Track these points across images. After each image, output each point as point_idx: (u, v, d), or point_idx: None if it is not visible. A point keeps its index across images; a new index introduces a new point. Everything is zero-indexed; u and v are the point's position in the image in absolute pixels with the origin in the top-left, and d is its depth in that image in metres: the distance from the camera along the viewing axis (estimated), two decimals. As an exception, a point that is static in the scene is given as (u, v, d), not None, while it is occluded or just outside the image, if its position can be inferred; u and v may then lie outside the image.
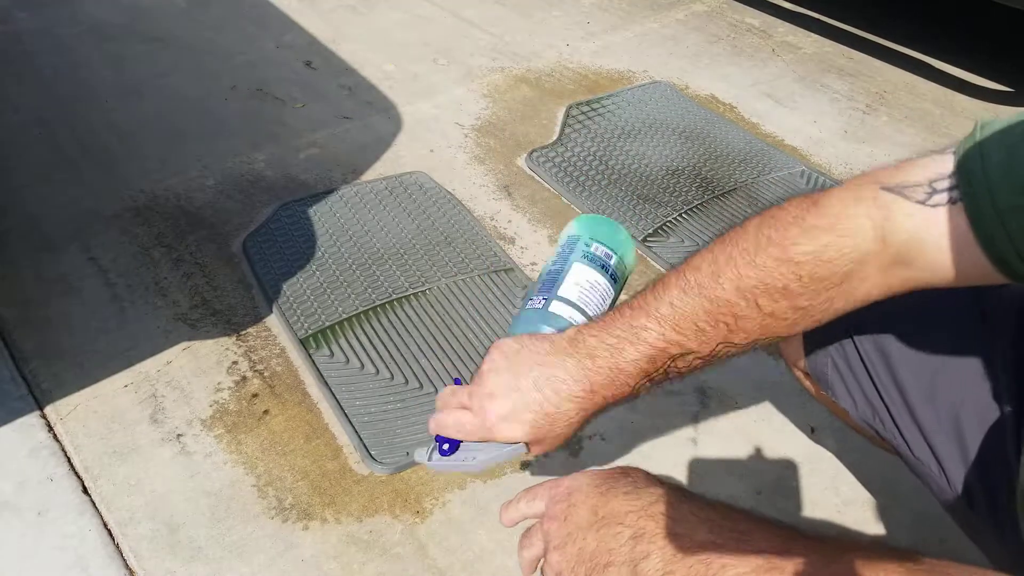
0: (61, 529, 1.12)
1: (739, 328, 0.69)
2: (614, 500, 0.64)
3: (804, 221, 0.65)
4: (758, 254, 0.66)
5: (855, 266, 0.63)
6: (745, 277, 0.67)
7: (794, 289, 0.65)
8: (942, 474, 0.81)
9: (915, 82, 2.36)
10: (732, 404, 1.37)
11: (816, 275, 0.64)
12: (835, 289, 0.65)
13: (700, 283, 0.70)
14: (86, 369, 1.34)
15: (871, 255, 0.63)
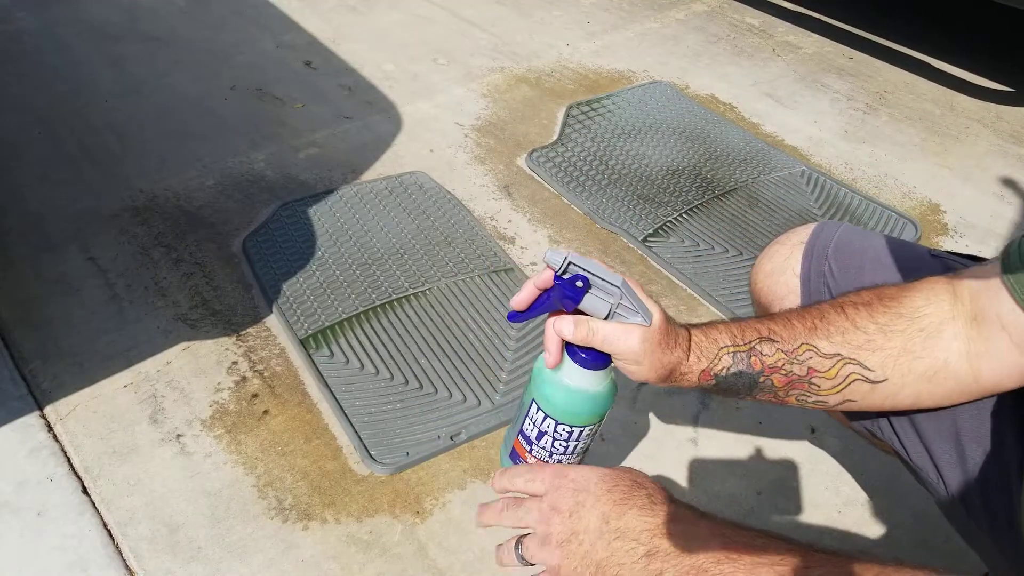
0: (61, 529, 1.12)
1: (823, 327, 0.73)
2: (628, 514, 0.64)
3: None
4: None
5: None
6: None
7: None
8: (940, 480, 0.81)
9: (915, 82, 2.36)
10: (733, 405, 1.36)
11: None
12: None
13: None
14: (86, 369, 1.34)
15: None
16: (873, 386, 0.72)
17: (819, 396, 0.74)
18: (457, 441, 1.26)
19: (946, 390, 0.72)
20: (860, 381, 0.72)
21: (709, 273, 1.61)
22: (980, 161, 2.07)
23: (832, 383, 0.73)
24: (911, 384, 0.72)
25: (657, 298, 1.56)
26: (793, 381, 0.73)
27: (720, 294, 1.56)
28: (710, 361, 0.74)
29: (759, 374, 0.73)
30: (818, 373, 0.73)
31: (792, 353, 0.73)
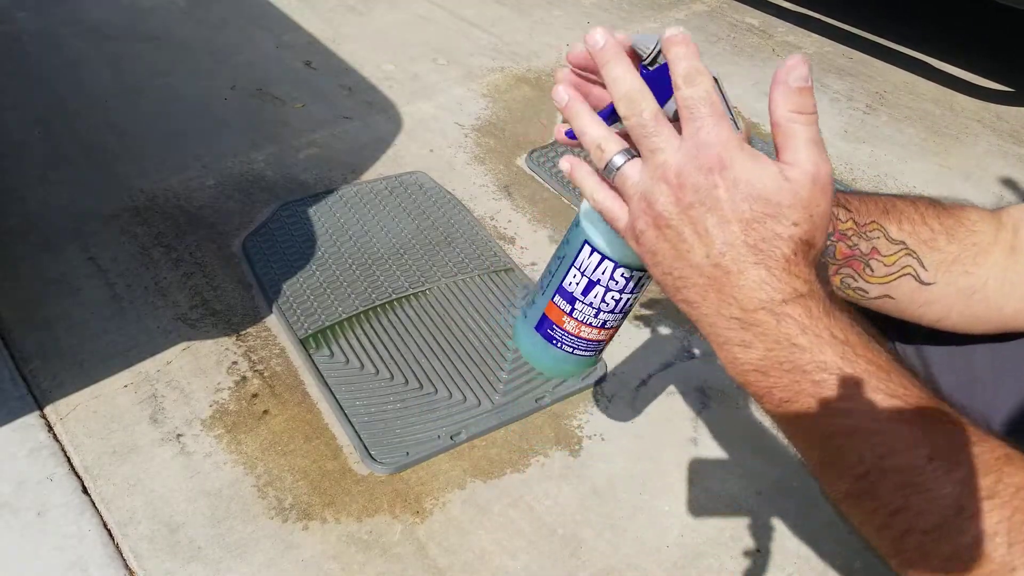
0: (61, 529, 1.12)
1: (895, 212, 0.71)
2: (749, 266, 0.50)
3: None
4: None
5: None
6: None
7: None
8: None
9: (915, 82, 2.36)
10: (733, 404, 1.36)
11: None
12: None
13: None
14: (86, 369, 1.34)
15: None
16: (919, 287, 0.71)
17: (865, 282, 0.71)
18: (457, 441, 1.26)
19: (973, 313, 0.72)
20: (911, 277, 0.71)
21: (709, 273, 1.61)
22: (980, 161, 2.07)
23: (887, 271, 0.70)
24: (950, 296, 0.71)
25: (657, 298, 1.56)
26: (854, 257, 0.70)
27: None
28: None
29: (828, 236, 0.67)
30: (879, 256, 0.70)
31: (863, 227, 0.70)
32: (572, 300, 0.68)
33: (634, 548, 1.15)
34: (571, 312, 0.68)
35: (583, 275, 0.66)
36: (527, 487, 1.22)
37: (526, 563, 1.12)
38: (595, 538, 1.16)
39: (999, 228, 0.71)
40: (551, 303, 0.69)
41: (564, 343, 0.70)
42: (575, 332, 0.69)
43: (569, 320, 0.68)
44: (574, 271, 0.67)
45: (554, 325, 0.69)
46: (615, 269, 0.65)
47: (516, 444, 1.28)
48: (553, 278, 0.69)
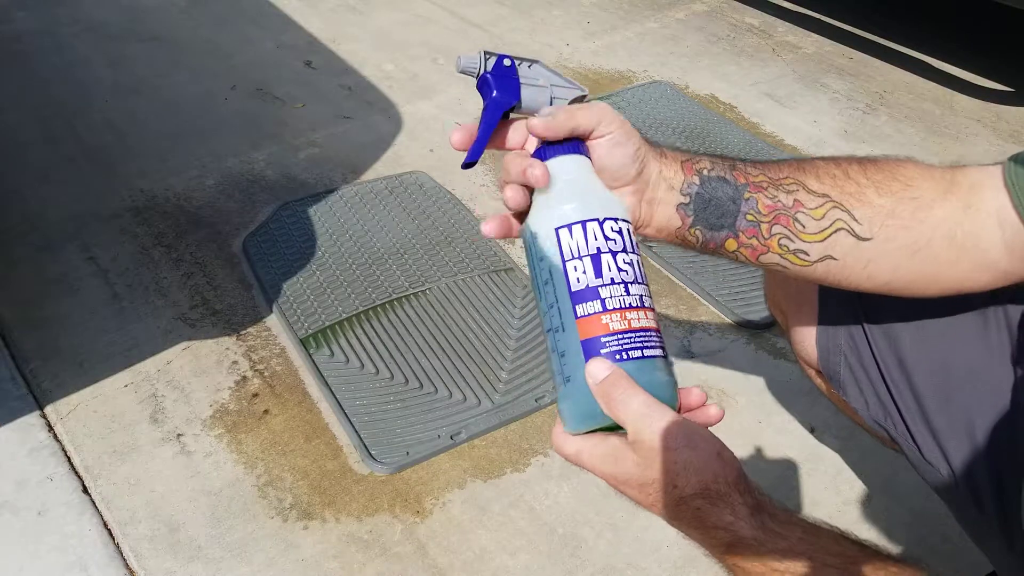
0: (61, 529, 1.12)
1: (812, 168, 0.68)
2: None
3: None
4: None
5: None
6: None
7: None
8: (953, 478, 0.81)
9: (915, 82, 2.36)
10: (732, 404, 1.37)
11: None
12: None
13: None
14: (86, 369, 1.34)
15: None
16: (857, 242, 0.67)
17: (802, 242, 0.67)
18: (457, 440, 1.26)
19: (922, 273, 0.69)
20: (846, 232, 0.67)
21: (709, 272, 1.61)
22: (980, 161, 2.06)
23: (818, 225, 0.67)
24: (892, 253, 0.68)
25: (657, 298, 1.56)
26: (779, 210, 0.67)
27: (720, 294, 1.56)
28: (689, 156, 0.68)
29: (743, 187, 0.67)
30: (804, 208, 0.67)
31: (778, 180, 0.67)
32: (593, 293, 0.57)
33: (634, 548, 1.15)
34: (604, 305, 0.57)
35: (580, 259, 0.58)
36: (527, 487, 1.22)
37: (526, 562, 1.12)
38: (595, 537, 1.16)
39: (950, 186, 0.68)
40: (578, 322, 0.57)
41: (627, 348, 0.57)
42: (626, 326, 0.57)
43: (609, 315, 0.57)
44: (571, 266, 0.58)
45: (602, 337, 0.57)
46: (602, 225, 0.59)
47: (516, 444, 1.28)
48: (558, 301, 0.59)
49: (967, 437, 0.80)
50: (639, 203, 0.66)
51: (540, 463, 1.26)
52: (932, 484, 0.85)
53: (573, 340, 0.58)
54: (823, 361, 0.92)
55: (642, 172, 0.65)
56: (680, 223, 0.67)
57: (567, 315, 0.58)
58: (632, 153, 0.64)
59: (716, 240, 0.68)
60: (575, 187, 0.62)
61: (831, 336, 0.91)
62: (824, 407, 1.29)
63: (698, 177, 0.67)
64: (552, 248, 0.60)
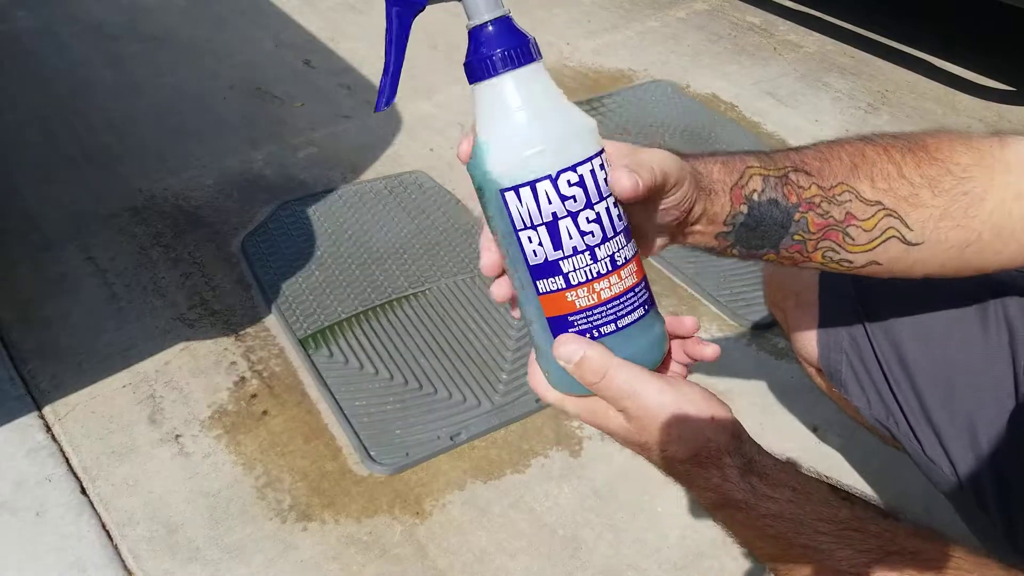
0: (59, 530, 1.12)
1: (865, 167, 0.62)
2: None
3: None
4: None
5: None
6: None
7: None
8: (954, 475, 0.81)
9: (917, 81, 2.35)
10: (733, 404, 1.35)
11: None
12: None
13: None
14: (84, 369, 1.34)
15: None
16: (907, 248, 0.63)
17: (849, 253, 0.63)
18: (457, 441, 1.26)
19: (968, 264, 0.66)
20: (896, 240, 0.63)
21: (710, 273, 1.60)
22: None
23: (868, 236, 0.62)
24: (940, 254, 0.64)
25: (658, 298, 1.56)
26: (829, 226, 0.62)
27: (721, 294, 1.55)
28: (739, 177, 0.59)
29: (794, 208, 0.60)
30: (856, 221, 0.62)
31: (830, 191, 0.61)
32: (554, 267, 0.49)
33: (634, 549, 1.14)
34: (567, 281, 0.49)
35: (535, 228, 0.49)
36: (527, 488, 1.21)
37: (526, 564, 1.12)
38: (595, 539, 1.15)
39: (1004, 171, 0.63)
40: (541, 298, 0.51)
41: (598, 325, 0.50)
42: (595, 300, 0.50)
43: (575, 292, 0.50)
44: (525, 236, 0.49)
45: (568, 316, 0.50)
46: (555, 183, 0.48)
47: (516, 444, 1.27)
48: (518, 270, 0.51)
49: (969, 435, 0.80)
50: (669, 239, 0.59)
51: (540, 464, 1.25)
52: (935, 482, 0.85)
53: (538, 314, 0.51)
54: (824, 360, 0.92)
55: (685, 219, 0.57)
56: (716, 245, 0.61)
57: (528, 287, 0.51)
58: (682, 211, 0.56)
59: (754, 256, 0.63)
60: (522, 122, 0.50)
61: (832, 334, 0.90)
62: (826, 407, 1.28)
63: (747, 205, 0.59)
64: (500, 211, 0.50)
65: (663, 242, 0.59)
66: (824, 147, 0.64)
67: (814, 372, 0.97)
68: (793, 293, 0.94)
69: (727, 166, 0.60)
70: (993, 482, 0.78)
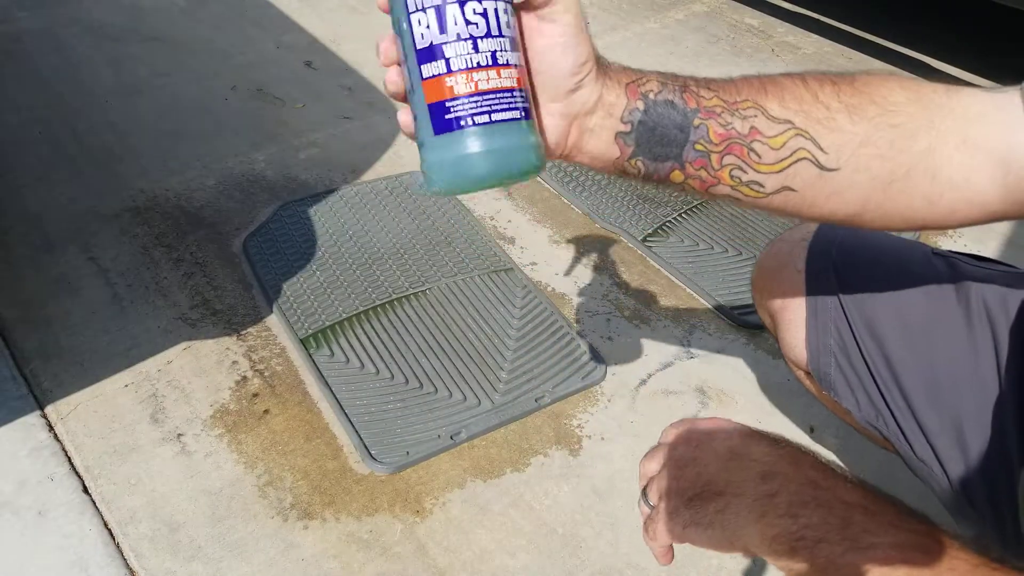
0: (61, 529, 1.12)
1: (775, 89, 0.60)
2: (755, 444, 0.56)
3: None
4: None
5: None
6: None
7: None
8: (944, 474, 0.82)
9: (915, 82, 2.36)
10: (732, 404, 1.37)
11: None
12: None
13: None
14: (86, 368, 1.35)
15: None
16: (821, 173, 0.59)
17: (757, 173, 0.59)
18: (457, 440, 1.27)
19: (895, 207, 0.61)
20: (808, 162, 0.59)
21: (709, 273, 1.61)
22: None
23: (776, 155, 0.59)
24: (863, 185, 0.60)
25: (657, 298, 1.57)
26: (732, 139, 0.59)
27: (720, 294, 1.56)
28: (636, 76, 0.59)
29: (693, 112, 0.59)
30: (761, 137, 0.58)
31: (733, 104, 0.59)
32: (437, 50, 0.51)
33: (634, 547, 1.15)
34: (449, 66, 0.51)
35: (424, 10, 0.51)
36: (527, 486, 1.22)
37: (526, 562, 1.12)
38: (595, 537, 1.16)
39: (946, 115, 0.59)
40: (423, 83, 0.52)
41: (472, 114, 0.52)
42: (471, 88, 0.52)
43: (454, 77, 0.51)
44: (415, 19, 0.52)
45: (446, 102, 0.52)
46: None
47: (516, 444, 1.28)
48: (407, 58, 0.53)
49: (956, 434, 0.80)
50: (567, 127, 0.57)
51: (540, 463, 1.26)
52: (926, 482, 0.86)
53: (421, 102, 0.53)
54: (813, 363, 0.92)
55: (578, 91, 0.56)
56: (619, 153, 0.59)
57: (415, 74, 0.53)
58: (577, 65, 0.55)
59: (660, 172, 0.60)
60: None
61: (820, 337, 0.91)
62: (823, 407, 1.29)
63: (643, 102, 0.58)
64: None
65: (563, 128, 0.57)
66: (735, 77, 0.63)
67: (803, 375, 0.98)
68: (780, 296, 0.95)
69: (625, 68, 0.59)
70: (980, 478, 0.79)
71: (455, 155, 0.52)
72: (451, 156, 0.53)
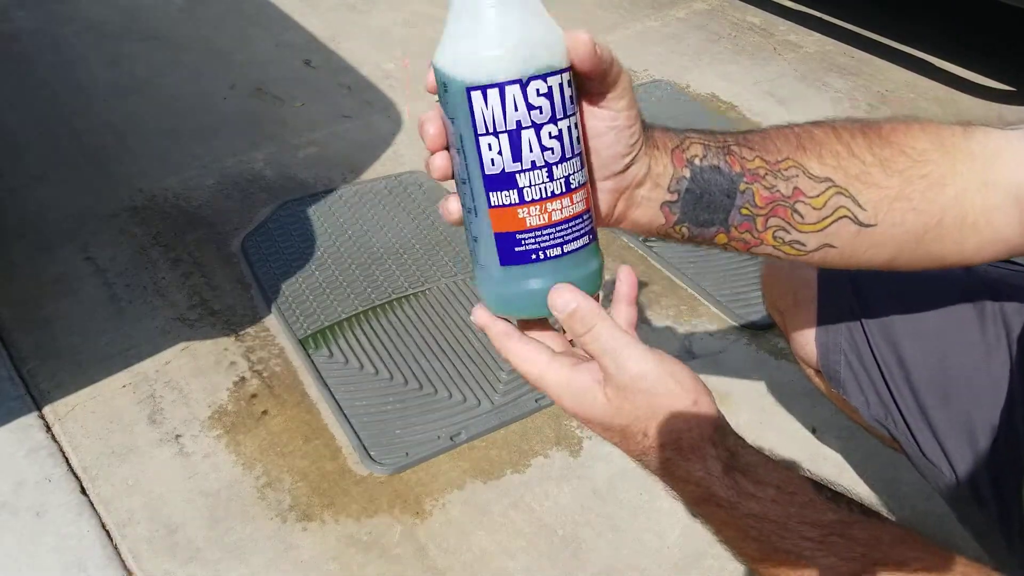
0: (59, 530, 1.12)
1: (813, 146, 0.61)
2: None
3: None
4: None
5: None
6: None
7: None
8: (953, 476, 0.81)
9: (917, 81, 2.35)
10: (734, 405, 1.36)
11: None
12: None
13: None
14: (84, 369, 1.34)
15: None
16: (860, 230, 0.60)
17: (800, 233, 0.60)
18: (457, 441, 1.26)
19: (927, 252, 0.63)
20: (848, 220, 0.60)
21: (710, 273, 1.60)
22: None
23: (818, 215, 0.59)
24: (898, 238, 0.61)
25: (657, 298, 1.56)
26: (776, 201, 0.59)
27: (721, 294, 1.55)
28: (680, 141, 0.59)
29: (739, 177, 0.58)
30: (805, 198, 0.59)
31: (775, 165, 0.59)
32: (509, 180, 0.48)
33: (634, 548, 1.14)
34: (521, 197, 0.48)
35: (496, 135, 0.47)
36: (527, 488, 1.21)
37: (526, 564, 1.12)
38: (595, 538, 1.15)
39: (964, 158, 0.62)
40: (491, 211, 0.49)
41: (545, 247, 0.50)
42: (545, 220, 0.49)
43: (527, 209, 0.48)
44: (485, 143, 0.47)
45: (517, 234, 0.49)
46: (524, 88, 0.47)
47: (516, 444, 1.27)
48: (471, 179, 0.49)
49: (966, 435, 0.80)
50: (615, 200, 0.57)
51: (540, 464, 1.25)
52: (933, 483, 0.85)
53: (486, 229, 0.50)
54: (823, 361, 0.92)
55: (629, 168, 0.56)
56: (664, 221, 0.59)
57: (480, 198, 0.49)
58: (630, 145, 0.55)
59: (705, 235, 0.61)
60: (491, 16, 0.48)
61: (831, 336, 0.90)
62: (826, 408, 1.28)
63: (689, 169, 0.58)
64: (463, 111, 0.47)
65: (611, 202, 0.57)
66: (768, 129, 0.63)
67: (813, 373, 0.98)
68: (791, 294, 0.94)
69: (666, 131, 0.60)
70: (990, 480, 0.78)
71: (524, 289, 0.51)
72: (519, 290, 0.51)
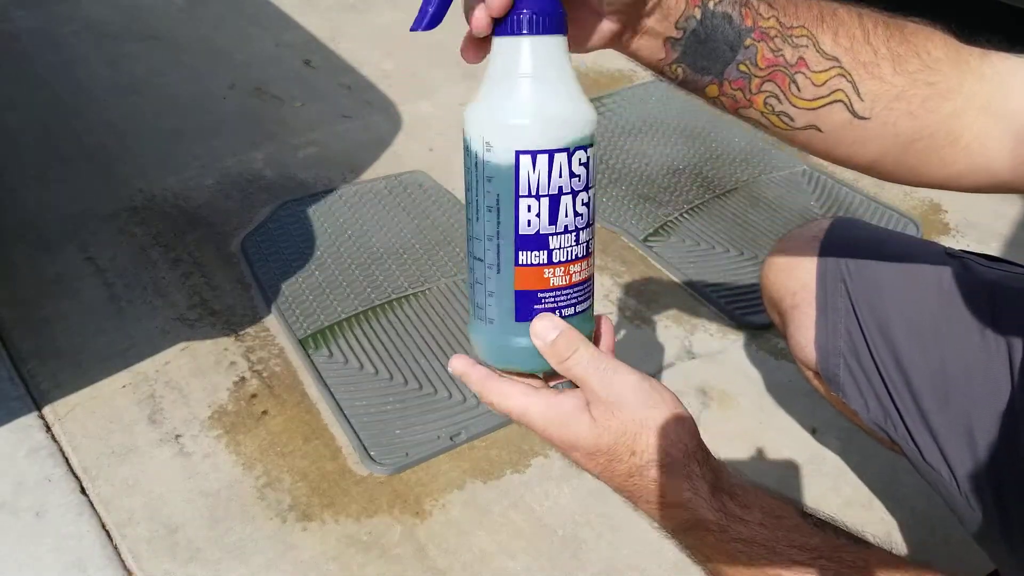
0: (59, 530, 1.12)
1: (832, 22, 0.59)
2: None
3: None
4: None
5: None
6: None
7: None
8: (952, 480, 0.81)
9: (916, 81, 2.35)
10: (734, 405, 1.36)
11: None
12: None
13: None
14: (84, 369, 1.34)
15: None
16: (851, 120, 0.59)
17: (791, 106, 0.59)
18: (457, 441, 1.26)
19: (909, 165, 0.62)
20: (843, 105, 0.59)
21: (710, 273, 1.60)
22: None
23: (815, 92, 0.58)
24: (886, 139, 0.60)
25: (657, 297, 1.56)
26: (778, 66, 0.58)
27: (721, 294, 1.55)
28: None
29: (747, 32, 0.57)
30: (807, 70, 0.58)
31: (788, 30, 0.58)
32: (542, 241, 0.49)
33: (635, 549, 1.14)
34: (550, 257, 0.50)
35: (538, 197, 0.49)
36: (527, 488, 1.21)
37: (526, 564, 1.12)
38: (595, 539, 1.15)
39: (975, 79, 0.60)
40: (518, 269, 0.50)
41: (561, 306, 0.52)
42: (567, 281, 0.51)
43: (553, 270, 0.50)
44: (525, 205, 0.49)
45: (539, 293, 0.51)
46: (571, 157, 0.49)
47: (516, 444, 1.27)
48: (500, 237, 0.51)
49: (966, 438, 0.80)
50: (624, 23, 0.56)
51: (540, 464, 1.25)
52: (933, 485, 0.85)
53: (506, 286, 0.51)
54: (822, 363, 0.92)
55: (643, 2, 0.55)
56: (663, 56, 0.58)
57: (506, 257, 0.51)
58: None
59: (697, 83, 0.59)
60: (547, 88, 0.49)
61: (830, 338, 0.90)
62: (826, 408, 1.28)
63: (700, 10, 0.56)
64: (507, 173, 0.50)
65: (612, 28, 0.56)
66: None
67: (812, 375, 0.98)
68: (790, 295, 0.94)
69: None
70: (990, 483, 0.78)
71: (531, 344, 0.52)
72: (526, 344, 0.52)
